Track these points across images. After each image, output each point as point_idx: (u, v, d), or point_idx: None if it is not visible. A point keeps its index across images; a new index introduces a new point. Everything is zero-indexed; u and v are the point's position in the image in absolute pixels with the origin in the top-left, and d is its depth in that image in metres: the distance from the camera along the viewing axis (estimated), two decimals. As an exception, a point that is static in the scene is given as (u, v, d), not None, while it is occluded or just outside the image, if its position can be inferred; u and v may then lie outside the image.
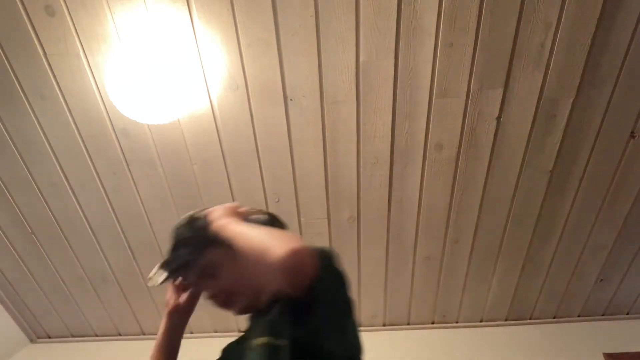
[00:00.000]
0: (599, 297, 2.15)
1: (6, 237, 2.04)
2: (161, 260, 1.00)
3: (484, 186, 1.81)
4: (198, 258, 0.99)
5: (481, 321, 2.25)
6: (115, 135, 1.74)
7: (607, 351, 2.02)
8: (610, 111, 1.62)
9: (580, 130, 1.67)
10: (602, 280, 2.08)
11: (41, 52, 1.56)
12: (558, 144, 1.70)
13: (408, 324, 2.28)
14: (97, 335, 2.42)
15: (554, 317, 2.24)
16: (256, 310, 0.97)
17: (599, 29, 1.46)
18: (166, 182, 1.85)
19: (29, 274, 2.16)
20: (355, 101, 1.63)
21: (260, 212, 1.06)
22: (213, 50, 1.54)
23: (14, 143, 1.78)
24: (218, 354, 1.04)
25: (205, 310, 2.03)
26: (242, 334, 1.00)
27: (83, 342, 2.41)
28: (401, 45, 1.52)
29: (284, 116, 1.67)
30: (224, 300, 0.99)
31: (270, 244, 0.78)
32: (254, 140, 1.73)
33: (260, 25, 1.49)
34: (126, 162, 1.81)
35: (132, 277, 2.15)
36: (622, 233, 1.92)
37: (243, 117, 1.68)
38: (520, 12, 1.45)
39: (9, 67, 1.60)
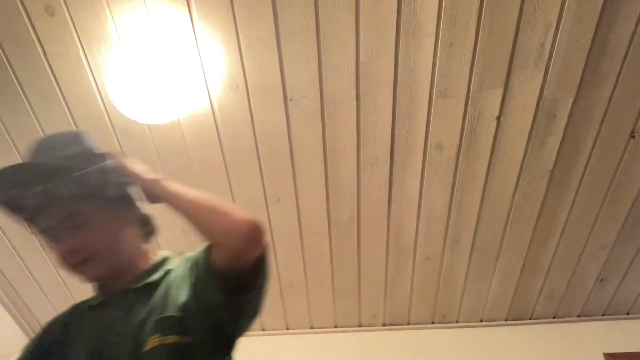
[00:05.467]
0: (599, 297, 2.15)
1: (6, 237, 2.04)
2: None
3: (484, 186, 1.81)
4: (77, 198, 0.82)
5: (481, 321, 2.25)
6: (115, 135, 1.74)
7: (607, 351, 2.02)
8: (610, 111, 1.62)
9: (580, 130, 1.67)
10: (602, 280, 2.08)
11: (41, 52, 1.56)
12: (558, 144, 1.70)
13: (408, 324, 2.27)
14: (97, 335, 2.42)
15: (554, 317, 2.24)
16: (124, 281, 0.87)
17: (599, 29, 1.46)
18: (166, 182, 1.85)
19: (29, 274, 2.16)
20: (355, 101, 1.63)
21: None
22: (213, 50, 1.54)
23: (14, 143, 1.78)
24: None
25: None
26: (92, 303, 0.89)
27: (83, 342, 2.41)
28: (401, 45, 1.52)
29: (284, 116, 1.67)
30: (80, 262, 0.83)
31: (231, 206, 0.78)
32: (254, 140, 1.73)
33: (260, 25, 1.49)
34: (126, 162, 1.81)
35: (132, 277, 2.15)
36: (622, 233, 1.92)
37: (243, 117, 1.68)
38: (520, 12, 1.45)
39: (9, 67, 1.59)
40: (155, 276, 0.89)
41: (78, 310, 0.91)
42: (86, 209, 0.83)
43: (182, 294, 0.83)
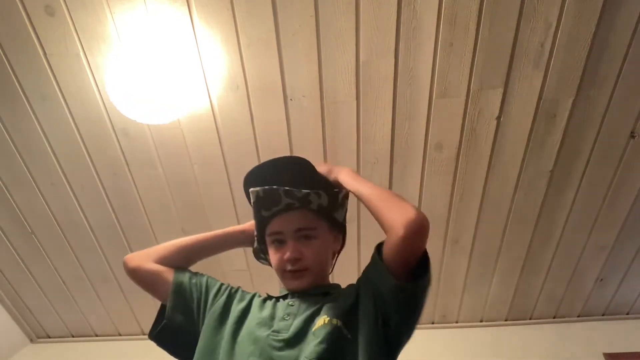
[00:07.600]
0: (599, 297, 2.15)
1: (6, 237, 2.04)
2: None
3: (484, 186, 1.81)
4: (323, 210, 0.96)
5: (481, 321, 2.25)
6: (115, 135, 1.74)
7: (607, 351, 2.02)
8: (610, 111, 1.62)
9: (580, 130, 1.67)
10: (602, 280, 2.08)
11: (41, 52, 1.56)
12: (558, 144, 1.70)
13: (408, 324, 2.27)
14: (97, 335, 2.41)
15: (554, 317, 2.24)
16: (315, 291, 0.96)
17: (599, 29, 1.46)
18: (166, 182, 1.85)
19: (29, 274, 2.16)
20: (355, 101, 1.63)
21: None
22: (213, 50, 1.54)
23: (14, 143, 1.78)
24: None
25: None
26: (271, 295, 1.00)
27: (83, 342, 2.41)
28: (401, 45, 1.52)
29: (284, 116, 1.67)
30: (298, 269, 0.94)
31: (405, 202, 0.88)
32: (254, 141, 1.73)
33: (260, 25, 1.49)
34: (126, 162, 1.81)
35: (132, 277, 2.15)
36: (622, 233, 1.92)
37: (243, 117, 1.68)
38: (520, 12, 1.45)
39: (9, 67, 1.59)
40: (330, 290, 0.98)
41: (257, 295, 1.03)
42: (319, 226, 0.97)
43: (351, 298, 0.91)
